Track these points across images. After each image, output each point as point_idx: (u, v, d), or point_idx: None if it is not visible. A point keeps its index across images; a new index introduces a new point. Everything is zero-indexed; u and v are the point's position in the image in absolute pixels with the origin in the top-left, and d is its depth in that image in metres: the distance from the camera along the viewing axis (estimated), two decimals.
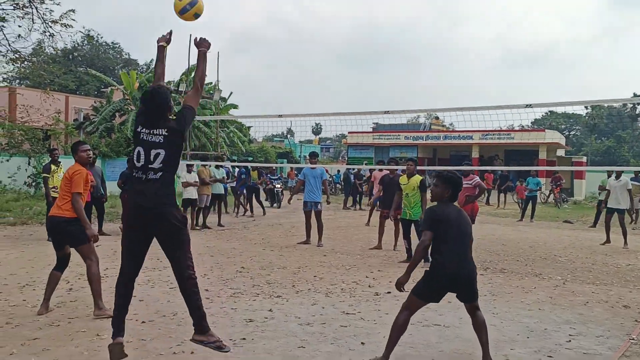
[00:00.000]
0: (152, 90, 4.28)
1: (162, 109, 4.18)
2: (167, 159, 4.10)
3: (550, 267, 9.11)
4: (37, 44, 18.25)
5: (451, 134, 36.14)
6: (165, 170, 4.11)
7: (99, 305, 5.55)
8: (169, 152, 4.11)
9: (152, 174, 4.08)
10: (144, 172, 4.10)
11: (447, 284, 4.41)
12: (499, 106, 9.18)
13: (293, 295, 6.66)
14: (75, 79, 44.63)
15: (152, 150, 4.09)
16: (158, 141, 4.10)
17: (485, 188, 10.40)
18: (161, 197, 4.08)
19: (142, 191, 4.07)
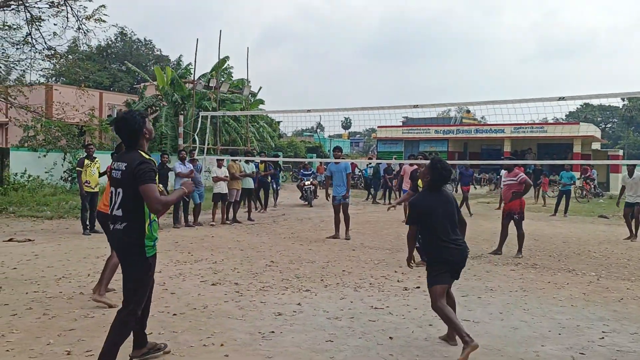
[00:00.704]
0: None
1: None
2: None
3: (584, 262, 8.94)
4: (73, 41, 18.66)
5: (482, 128, 35.62)
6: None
7: (100, 291, 5.79)
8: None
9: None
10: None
11: (448, 268, 4.74)
12: (531, 99, 9.04)
13: (322, 289, 6.69)
14: (110, 76, 45.51)
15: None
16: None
17: (532, 184, 10.27)
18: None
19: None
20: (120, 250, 3.90)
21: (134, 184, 3.73)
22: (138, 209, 3.79)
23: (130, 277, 3.86)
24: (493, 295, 6.59)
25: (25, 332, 4.75)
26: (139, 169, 3.72)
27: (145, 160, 3.81)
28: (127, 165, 3.79)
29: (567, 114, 58.60)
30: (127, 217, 3.81)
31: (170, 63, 52.00)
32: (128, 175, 3.77)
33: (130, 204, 3.79)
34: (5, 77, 18.07)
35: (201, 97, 25.82)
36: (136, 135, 3.90)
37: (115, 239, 3.92)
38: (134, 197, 3.76)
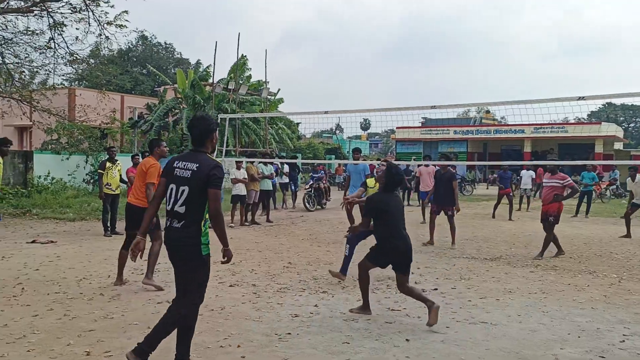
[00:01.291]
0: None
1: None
2: None
3: (605, 264, 8.81)
4: (95, 46, 18.96)
5: (502, 128, 35.30)
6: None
7: (148, 276, 6.58)
8: None
9: None
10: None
11: (393, 256, 5.57)
12: (551, 99, 8.94)
13: (339, 291, 6.70)
14: (131, 79, 46.10)
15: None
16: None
17: (578, 190, 10.15)
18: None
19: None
20: (177, 249, 3.97)
21: (203, 185, 3.87)
22: (200, 208, 3.91)
23: (191, 274, 3.97)
24: (512, 297, 6.53)
25: (46, 333, 4.84)
26: (214, 173, 3.89)
27: (218, 164, 3.98)
28: (198, 166, 3.91)
29: (588, 113, 57.70)
30: (188, 214, 3.90)
31: (190, 66, 52.53)
32: (199, 177, 3.88)
33: (194, 203, 3.90)
34: (29, 81, 18.43)
35: (221, 99, 26.02)
36: (207, 136, 4.05)
37: (172, 237, 3.98)
38: (200, 196, 3.89)
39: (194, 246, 3.91)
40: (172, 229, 3.96)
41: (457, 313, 5.78)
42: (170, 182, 4.01)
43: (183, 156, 4.11)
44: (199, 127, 4.05)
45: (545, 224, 9.42)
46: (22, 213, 14.03)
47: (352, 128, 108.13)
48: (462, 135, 35.12)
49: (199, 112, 4.25)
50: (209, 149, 4.11)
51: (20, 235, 10.83)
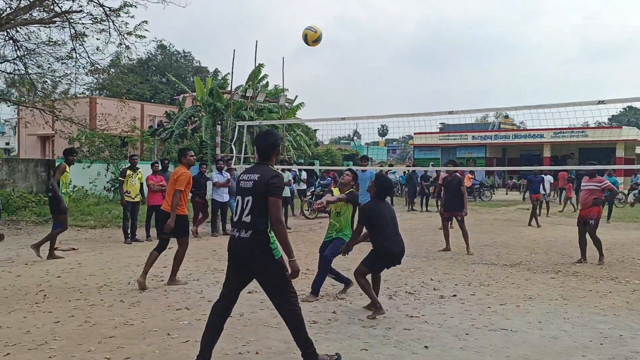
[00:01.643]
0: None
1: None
2: None
3: (627, 270, 8.67)
4: (115, 55, 19.25)
5: (521, 133, 34.97)
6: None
7: (172, 278, 7.17)
8: None
9: None
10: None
11: (388, 260, 6.00)
12: (570, 103, 8.83)
13: (357, 297, 6.69)
14: (151, 88, 46.68)
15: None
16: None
17: (618, 192, 10.05)
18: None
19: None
20: (247, 258, 4.14)
21: (264, 194, 4.08)
22: (264, 216, 4.11)
23: (271, 278, 4.19)
24: (532, 303, 6.46)
25: (67, 339, 4.91)
26: (273, 182, 4.09)
27: (278, 174, 4.20)
28: (259, 176, 4.15)
29: (609, 117, 56.91)
30: (254, 224, 4.10)
31: (209, 74, 53.01)
32: (260, 186, 4.11)
33: (259, 212, 4.11)
34: (51, 91, 18.75)
35: (239, 107, 26.19)
36: (272, 150, 4.34)
37: (239, 247, 4.16)
38: (263, 205, 4.09)
39: (266, 253, 4.09)
40: (241, 239, 4.15)
41: (477, 320, 5.73)
42: (238, 194, 4.28)
43: (246, 170, 4.39)
44: (264, 142, 4.33)
45: (583, 227, 9.40)
46: (45, 221, 14.26)
47: (370, 134, 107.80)
48: (481, 141, 34.84)
49: (264, 129, 4.49)
50: (273, 162, 4.36)
51: None
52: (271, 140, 4.36)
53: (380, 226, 5.93)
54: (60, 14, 15.60)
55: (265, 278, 4.20)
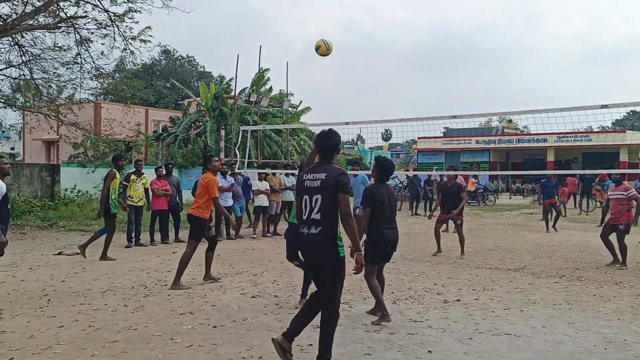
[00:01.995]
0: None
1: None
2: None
3: (632, 274, 8.64)
4: (120, 60, 19.33)
5: (524, 137, 34.93)
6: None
7: (176, 283, 7.28)
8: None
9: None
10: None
11: (383, 245, 5.93)
12: (573, 107, 8.84)
13: (360, 301, 6.69)
14: (155, 93, 46.86)
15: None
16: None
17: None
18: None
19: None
20: (315, 253, 4.40)
21: (334, 192, 4.29)
22: (334, 213, 4.33)
23: (331, 275, 4.37)
24: (536, 308, 6.44)
25: (71, 344, 4.92)
26: (341, 180, 4.32)
27: (345, 172, 4.43)
28: (327, 175, 4.36)
29: (613, 122, 56.72)
30: (324, 220, 4.33)
31: (213, 79, 53.15)
32: (329, 184, 4.31)
33: (329, 209, 4.32)
34: (56, 96, 18.84)
35: (243, 112, 26.25)
36: (334, 149, 4.55)
37: (310, 242, 4.39)
38: (332, 203, 4.31)
39: (332, 248, 4.34)
40: (310, 235, 4.38)
41: (480, 324, 5.72)
42: (303, 194, 4.46)
43: (310, 169, 4.54)
44: (328, 142, 4.55)
45: (608, 231, 9.51)
46: (49, 225, 14.32)
47: (374, 139, 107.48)
48: (484, 145, 34.79)
49: (324, 130, 4.73)
50: (334, 161, 4.57)
51: (47, 247, 11.05)
52: (335, 141, 4.57)
53: (379, 209, 5.92)
54: (65, 19, 15.69)
55: (326, 273, 4.38)
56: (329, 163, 4.50)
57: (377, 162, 6.26)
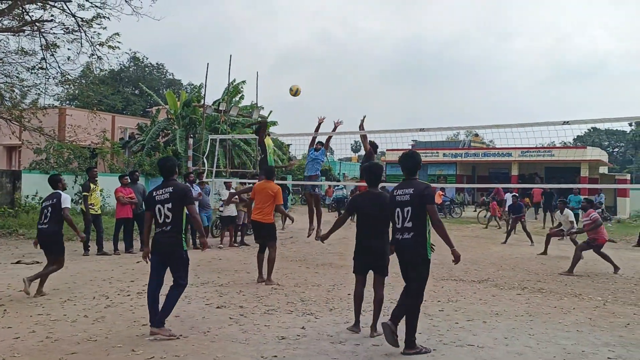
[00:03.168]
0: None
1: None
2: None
3: (590, 287, 8.87)
4: (86, 66, 19.00)
5: (490, 151, 35.61)
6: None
7: (269, 279, 8.44)
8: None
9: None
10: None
11: (362, 255, 5.91)
12: (536, 123, 9.07)
13: (326, 313, 6.69)
14: (123, 99, 46.16)
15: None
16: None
17: (602, 223, 10.81)
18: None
19: None
20: (407, 254, 5.30)
21: (422, 203, 5.19)
22: (424, 221, 5.21)
23: (420, 273, 5.26)
24: (498, 320, 6.55)
25: (27, 356, 4.78)
26: (427, 192, 5.23)
27: (428, 185, 5.35)
28: (414, 190, 5.26)
29: (574, 137, 58.36)
30: (415, 227, 5.23)
31: (183, 87, 52.68)
32: (417, 197, 5.22)
33: (418, 217, 5.21)
34: (20, 101, 18.38)
35: (212, 121, 26.09)
36: (416, 167, 5.44)
37: (403, 246, 5.32)
38: (421, 212, 5.20)
39: (423, 250, 5.23)
40: (404, 240, 5.29)
41: (445, 335, 5.78)
42: (395, 207, 5.37)
43: (399, 186, 5.49)
44: (411, 161, 5.44)
45: (586, 246, 10.63)
46: (9, 233, 13.91)
47: (343, 150, 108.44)
48: (451, 158, 35.33)
49: (408, 150, 5.89)
50: (417, 176, 5.45)
51: (5, 255, 10.73)
52: (417, 159, 5.45)
53: (359, 217, 5.99)
54: (30, 22, 15.37)
55: (415, 272, 5.25)
56: (415, 179, 5.41)
57: (364, 169, 6.31)
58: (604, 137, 69.46)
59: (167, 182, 5.75)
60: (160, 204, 5.60)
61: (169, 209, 5.55)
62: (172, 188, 5.62)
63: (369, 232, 5.84)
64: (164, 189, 5.65)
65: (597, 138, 66.16)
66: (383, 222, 5.77)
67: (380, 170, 6.20)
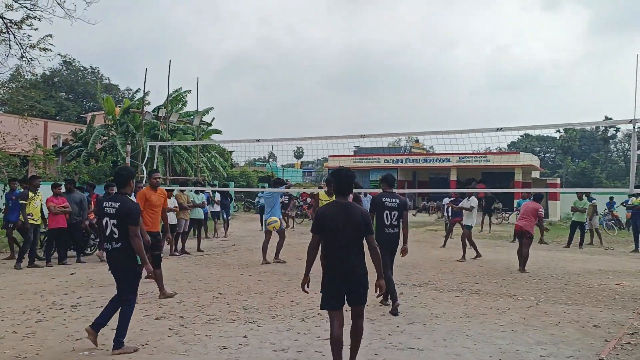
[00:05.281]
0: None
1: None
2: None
3: (524, 287, 9.22)
4: (16, 69, 18.17)
5: (430, 157, 36.53)
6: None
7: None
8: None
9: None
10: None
11: (341, 284, 4.63)
12: (472, 130, 9.38)
13: (269, 320, 6.64)
14: (56, 105, 44.39)
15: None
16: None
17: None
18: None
19: None
20: (394, 245, 7.46)
21: (402, 210, 7.50)
22: (402, 220, 7.57)
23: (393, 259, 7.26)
24: (438, 322, 6.70)
25: None
26: (406, 202, 7.59)
27: (401, 196, 7.58)
28: (399, 200, 7.54)
29: (508, 144, 60.77)
30: (398, 227, 7.46)
31: (120, 92, 51.24)
32: (402, 207, 7.52)
33: (400, 220, 7.52)
34: None
35: (151, 127, 25.49)
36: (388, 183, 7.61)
37: (392, 239, 7.42)
38: (402, 216, 7.54)
39: (400, 239, 7.54)
40: (394, 233, 7.42)
41: (386, 339, 5.86)
42: (384, 210, 7.36)
43: (387, 194, 7.53)
44: (391, 180, 7.84)
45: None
46: None
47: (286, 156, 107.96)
48: (393, 164, 36.00)
49: (388, 175, 7.92)
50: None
51: None
52: (393, 177, 7.97)
53: (327, 235, 4.67)
54: None
55: (393, 256, 7.47)
56: (392, 192, 7.61)
57: (332, 175, 5.01)
58: (535, 143, 72.78)
59: (117, 195, 5.53)
60: (108, 217, 5.37)
61: (114, 224, 5.31)
62: (119, 204, 5.35)
63: (348, 252, 4.62)
64: (111, 203, 5.39)
65: (529, 144, 69.21)
66: (361, 239, 4.70)
67: (353, 177, 4.99)
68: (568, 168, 66.33)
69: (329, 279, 4.66)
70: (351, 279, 4.62)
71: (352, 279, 4.63)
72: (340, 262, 4.61)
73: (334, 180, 4.88)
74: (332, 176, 5.01)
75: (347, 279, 4.61)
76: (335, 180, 4.87)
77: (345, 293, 4.64)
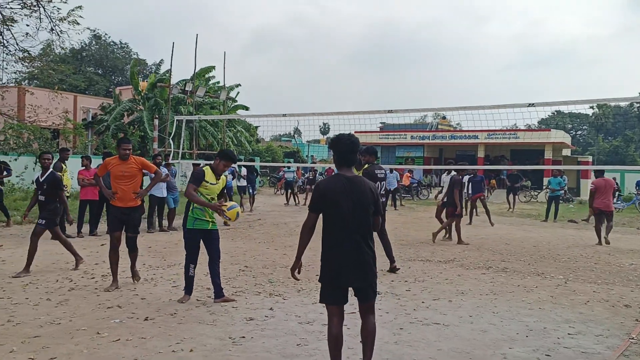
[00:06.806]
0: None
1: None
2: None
3: (552, 266, 9.10)
4: (46, 44, 18.36)
5: (457, 134, 36.03)
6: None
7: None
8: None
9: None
10: None
11: (347, 274, 3.84)
12: (502, 105, 9.19)
13: (294, 294, 6.70)
14: (85, 79, 44.94)
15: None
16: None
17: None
18: None
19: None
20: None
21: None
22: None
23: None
24: (464, 298, 6.66)
25: None
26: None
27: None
28: (384, 171, 8.22)
29: (539, 120, 59.65)
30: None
31: (148, 67, 51.56)
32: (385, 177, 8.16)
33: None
34: None
35: (178, 102, 25.66)
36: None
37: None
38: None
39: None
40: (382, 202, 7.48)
41: (411, 315, 5.86)
42: (376, 182, 7.66)
43: (376, 167, 8.10)
44: (372, 150, 8.25)
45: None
46: None
47: (312, 132, 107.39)
48: (419, 141, 35.63)
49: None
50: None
51: None
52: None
53: (329, 216, 3.88)
54: None
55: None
56: (377, 163, 8.23)
57: (330, 143, 4.14)
58: (567, 120, 71.09)
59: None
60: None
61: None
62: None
63: (356, 236, 3.84)
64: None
65: (561, 121, 67.64)
66: (369, 220, 3.95)
67: (357, 143, 4.04)
68: (599, 146, 64.79)
69: (331, 269, 3.88)
70: (360, 271, 3.84)
71: (361, 271, 3.84)
72: (345, 250, 3.82)
73: (335, 150, 4.00)
74: (332, 144, 4.05)
75: (355, 271, 3.83)
76: (336, 150, 3.98)
77: (352, 287, 3.92)
